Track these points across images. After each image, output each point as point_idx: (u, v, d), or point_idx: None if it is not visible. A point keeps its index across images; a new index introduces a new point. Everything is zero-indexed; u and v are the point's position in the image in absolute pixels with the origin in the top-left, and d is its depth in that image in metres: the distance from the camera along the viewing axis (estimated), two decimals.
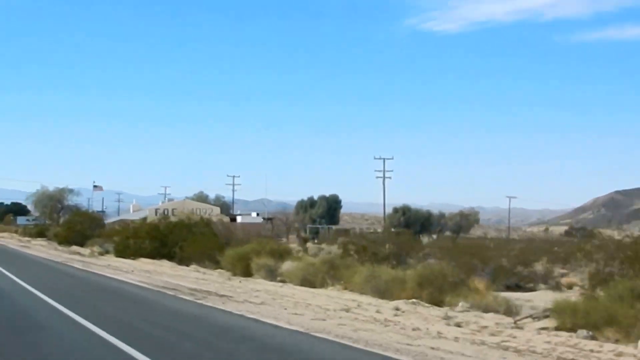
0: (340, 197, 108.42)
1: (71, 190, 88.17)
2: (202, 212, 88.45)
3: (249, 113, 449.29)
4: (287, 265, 27.67)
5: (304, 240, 58.50)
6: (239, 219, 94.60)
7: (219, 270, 32.34)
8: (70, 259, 39.10)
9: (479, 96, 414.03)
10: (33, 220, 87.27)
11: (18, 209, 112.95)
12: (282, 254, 29.10)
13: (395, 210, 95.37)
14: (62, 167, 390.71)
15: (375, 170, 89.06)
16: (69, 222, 60.03)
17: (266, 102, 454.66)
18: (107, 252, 48.34)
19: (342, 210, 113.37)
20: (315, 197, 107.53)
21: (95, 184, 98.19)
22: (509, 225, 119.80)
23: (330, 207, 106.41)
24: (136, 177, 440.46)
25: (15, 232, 76.22)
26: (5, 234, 74.01)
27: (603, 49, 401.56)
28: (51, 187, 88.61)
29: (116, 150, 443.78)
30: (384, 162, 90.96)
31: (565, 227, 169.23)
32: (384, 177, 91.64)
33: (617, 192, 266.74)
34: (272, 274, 27.33)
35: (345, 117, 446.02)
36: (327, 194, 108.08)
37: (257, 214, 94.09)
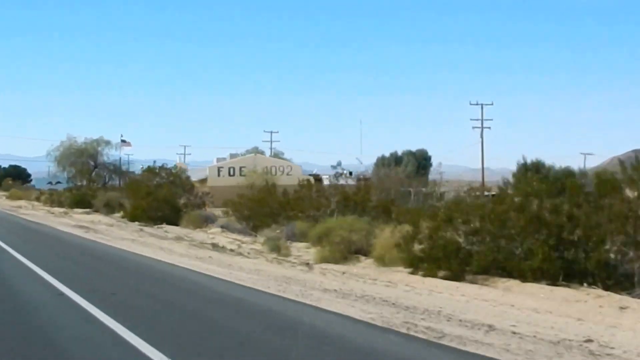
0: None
1: (107, 142, 62.39)
2: (280, 171, 66.25)
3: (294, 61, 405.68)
4: None
5: None
6: (325, 179, 71.14)
7: None
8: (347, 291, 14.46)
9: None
10: (57, 183, 61.51)
11: (17, 173, 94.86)
12: None
13: (525, 167, 72.55)
14: (63, 121, 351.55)
15: (471, 120, 74.67)
16: (148, 185, 35.65)
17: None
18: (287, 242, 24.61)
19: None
20: (400, 153, 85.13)
21: (123, 138, 72.82)
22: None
23: (419, 165, 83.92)
24: (143, 137, 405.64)
25: (36, 199, 50.63)
26: (22, 203, 48.57)
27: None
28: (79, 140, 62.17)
29: (121, 110, 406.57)
30: (481, 108, 75.01)
31: None
32: (482, 127, 75.45)
33: (637, 150, 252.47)
34: None
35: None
36: (414, 149, 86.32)
37: (350, 173, 70.71)
